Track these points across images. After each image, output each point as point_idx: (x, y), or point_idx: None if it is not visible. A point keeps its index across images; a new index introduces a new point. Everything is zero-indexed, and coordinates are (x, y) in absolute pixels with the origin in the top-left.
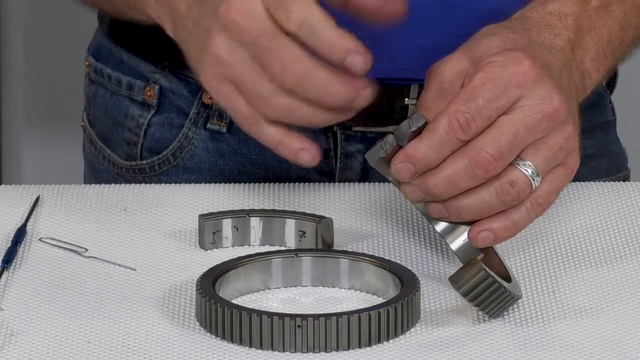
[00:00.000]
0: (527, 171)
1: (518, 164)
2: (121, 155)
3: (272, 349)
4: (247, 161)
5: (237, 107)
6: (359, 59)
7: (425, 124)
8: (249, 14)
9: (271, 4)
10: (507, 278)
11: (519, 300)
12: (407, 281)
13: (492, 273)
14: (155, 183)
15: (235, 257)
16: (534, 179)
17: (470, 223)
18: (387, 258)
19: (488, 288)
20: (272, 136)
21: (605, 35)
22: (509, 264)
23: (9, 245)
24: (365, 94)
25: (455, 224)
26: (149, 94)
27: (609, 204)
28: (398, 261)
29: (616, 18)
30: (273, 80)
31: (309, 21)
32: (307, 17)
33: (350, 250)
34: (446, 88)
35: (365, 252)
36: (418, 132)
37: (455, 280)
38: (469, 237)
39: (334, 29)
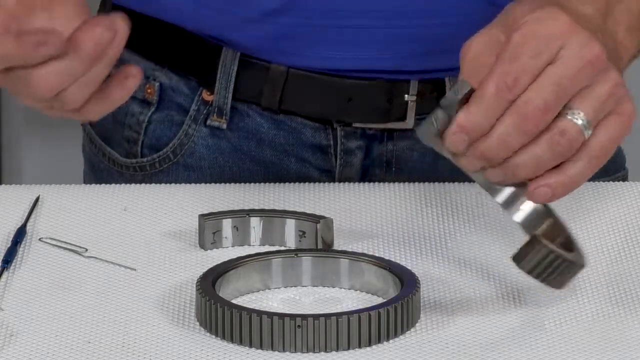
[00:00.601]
0: (577, 119)
1: (567, 114)
2: (121, 153)
3: (272, 349)
4: (247, 158)
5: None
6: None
7: (472, 91)
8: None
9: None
10: (571, 246)
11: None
12: (407, 281)
13: (553, 247)
14: (156, 181)
15: (235, 257)
16: (585, 127)
17: None
18: (387, 258)
19: (552, 263)
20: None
21: (635, 8)
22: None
23: (9, 245)
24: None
25: (515, 196)
26: (149, 91)
27: (608, 204)
28: (398, 261)
29: None
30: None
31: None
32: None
33: (350, 250)
34: (480, 58)
35: (365, 252)
36: (465, 100)
37: (518, 259)
38: (527, 196)
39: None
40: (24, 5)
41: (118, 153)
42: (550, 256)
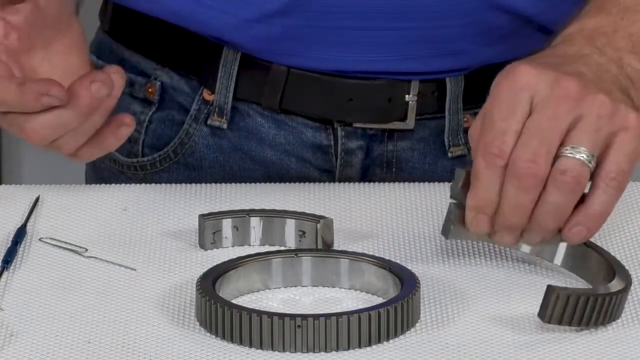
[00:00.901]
0: (572, 153)
1: (565, 152)
2: (122, 153)
3: (272, 349)
4: (247, 157)
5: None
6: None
7: (468, 173)
8: None
9: None
10: (612, 274)
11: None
12: (407, 281)
13: (572, 290)
14: (157, 180)
15: (235, 257)
16: (583, 157)
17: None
18: (387, 258)
19: (577, 305)
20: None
21: (636, 32)
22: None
23: (9, 245)
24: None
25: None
26: (150, 90)
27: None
28: (398, 261)
29: None
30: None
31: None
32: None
33: (350, 250)
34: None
35: (365, 252)
36: (468, 184)
37: (542, 315)
38: (565, 240)
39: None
40: (25, 42)
41: (119, 152)
42: (571, 300)
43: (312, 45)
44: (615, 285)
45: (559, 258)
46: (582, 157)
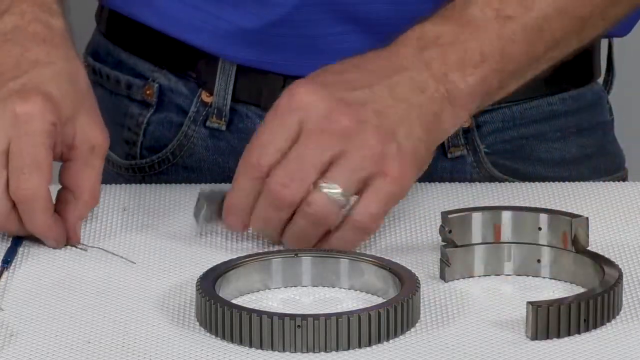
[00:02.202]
0: (325, 189)
1: (320, 186)
2: (120, 155)
3: (272, 349)
4: None
5: None
6: (53, 243)
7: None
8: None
9: (13, 155)
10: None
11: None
12: (407, 281)
13: (545, 301)
14: (155, 182)
15: (235, 257)
16: (335, 195)
17: None
18: (387, 258)
19: (559, 315)
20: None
21: (475, 47)
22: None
23: (9, 245)
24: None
25: None
26: (148, 92)
27: (608, 204)
28: (398, 261)
29: (491, 31)
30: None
31: (32, 205)
32: (33, 199)
33: (350, 250)
34: None
35: (365, 252)
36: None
37: (528, 333)
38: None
39: (46, 220)
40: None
41: (117, 155)
42: (552, 310)
43: (303, 55)
44: (606, 282)
45: (545, 271)
46: (333, 194)
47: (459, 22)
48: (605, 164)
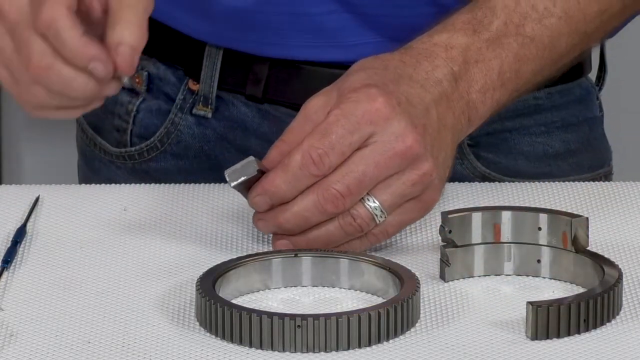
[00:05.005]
0: (370, 206)
1: (366, 199)
2: (112, 143)
3: (272, 349)
4: (232, 147)
5: (12, 91)
6: (100, 66)
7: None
8: (14, 2)
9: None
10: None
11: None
12: (407, 281)
13: (553, 300)
14: (145, 169)
15: (235, 257)
16: (377, 215)
17: None
18: (387, 258)
19: (559, 315)
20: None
21: (496, 67)
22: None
23: (9, 245)
24: (112, 87)
25: None
26: (137, 80)
27: (608, 204)
28: (398, 261)
29: (510, 50)
30: (27, 70)
31: (56, 26)
32: (54, 21)
33: (350, 250)
34: (312, 120)
35: (365, 252)
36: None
37: (528, 333)
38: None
39: (77, 37)
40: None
41: (108, 142)
42: (552, 310)
43: (294, 33)
44: (605, 282)
45: (545, 271)
46: (376, 213)
47: (484, 37)
48: (589, 160)
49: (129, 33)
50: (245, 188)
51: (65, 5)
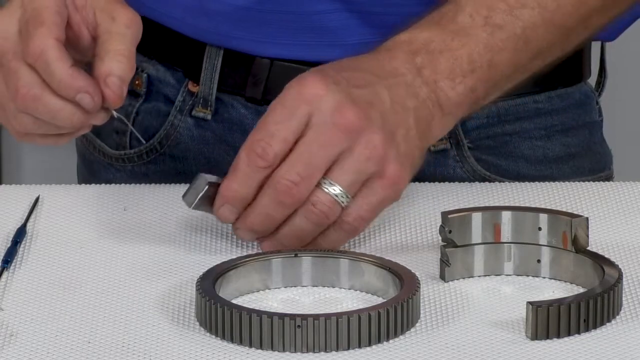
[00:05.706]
0: (328, 190)
1: (322, 184)
2: (111, 145)
3: (272, 349)
4: (231, 149)
5: (2, 121)
6: (87, 97)
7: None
8: (2, 32)
9: (21, 29)
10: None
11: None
12: (407, 281)
13: (553, 300)
14: (144, 172)
15: (235, 257)
16: (338, 197)
17: None
18: (387, 258)
19: (559, 315)
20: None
21: (464, 56)
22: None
23: (9, 245)
24: (100, 117)
25: None
26: (137, 82)
27: (608, 204)
28: (398, 261)
29: (480, 40)
30: (14, 100)
31: (45, 57)
32: (43, 53)
33: (350, 250)
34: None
35: (365, 252)
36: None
37: (528, 333)
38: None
39: (66, 68)
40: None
41: (108, 145)
42: (552, 310)
43: (293, 33)
44: (605, 282)
45: (545, 271)
46: (336, 194)
47: (449, 29)
48: (589, 164)
49: (118, 64)
50: (209, 204)
51: (54, 37)
